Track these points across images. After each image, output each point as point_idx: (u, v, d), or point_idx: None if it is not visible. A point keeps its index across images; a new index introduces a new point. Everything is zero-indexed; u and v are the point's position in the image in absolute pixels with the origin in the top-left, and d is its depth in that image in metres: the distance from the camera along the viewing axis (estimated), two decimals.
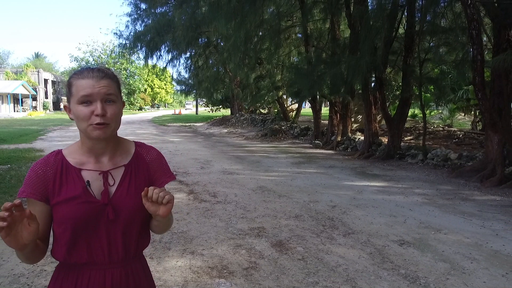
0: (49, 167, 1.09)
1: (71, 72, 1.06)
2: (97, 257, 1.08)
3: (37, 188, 1.07)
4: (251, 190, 5.98)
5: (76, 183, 1.08)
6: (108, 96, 1.05)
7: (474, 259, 3.32)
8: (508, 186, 6.11)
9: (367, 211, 4.83)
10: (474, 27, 5.62)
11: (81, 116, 1.04)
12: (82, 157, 1.11)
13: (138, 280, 1.15)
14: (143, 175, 1.17)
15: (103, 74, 1.06)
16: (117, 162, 1.14)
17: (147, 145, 1.24)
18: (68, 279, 1.09)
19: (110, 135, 1.08)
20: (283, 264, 3.17)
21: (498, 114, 6.66)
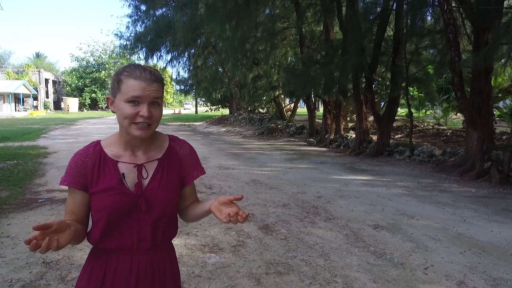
0: (88, 157, 1.15)
1: (120, 67, 1.23)
2: (126, 244, 1.14)
3: (77, 177, 1.14)
4: (244, 183, 6.39)
5: (113, 175, 1.14)
6: (155, 100, 1.11)
7: (438, 240, 3.74)
8: (485, 180, 6.52)
9: (350, 201, 5.24)
10: (451, 30, 6.04)
11: (126, 114, 1.09)
12: (119, 150, 1.17)
13: (163, 268, 1.21)
14: (175, 169, 1.22)
15: (154, 78, 1.11)
16: (151, 156, 1.19)
17: (180, 139, 1.29)
18: (99, 262, 1.17)
19: (150, 134, 1.15)
20: (267, 242, 3.58)
21: (478, 112, 7.07)
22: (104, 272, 1.15)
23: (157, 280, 1.19)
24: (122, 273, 1.15)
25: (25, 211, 4.58)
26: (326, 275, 2.91)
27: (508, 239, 3.78)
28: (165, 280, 1.21)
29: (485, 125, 7.08)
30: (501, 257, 3.33)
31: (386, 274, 2.96)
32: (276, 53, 13.95)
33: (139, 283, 1.16)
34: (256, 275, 2.90)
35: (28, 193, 5.51)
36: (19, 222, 4.17)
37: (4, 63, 51.29)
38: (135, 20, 19.37)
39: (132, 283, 1.15)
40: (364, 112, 10.06)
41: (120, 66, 12.95)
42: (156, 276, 1.19)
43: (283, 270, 2.98)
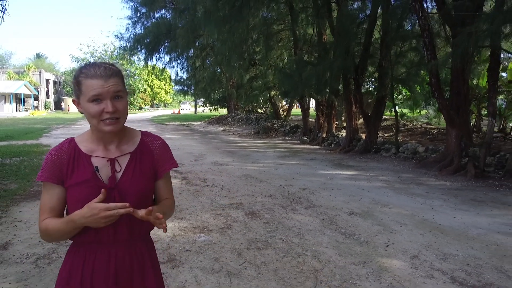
0: (63, 153, 1.19)
1: (76, 69, 1.27)
2: (103, 237, 1.16)
3: (53, 172, 1.17)
4: (236, 177, 6.84)
5: (86, 168, 1.18)
6: (116, 94, 1.13)
7: (404, 224, 4.20)
8: (461, 174, 6.98)
9: (332, 192, 5.70)
10: (427, 35, 6.49)
11: (92, 113, 1.13)
12: (92, 145, 1.21)
13: (142, 260, 1.24)
14: (147, 162, 1.25)
15: (110, 73, 1.12)
16: (124, 150, 1.23)
17: (153, 134, 1.33)
18: (79, 255, 1.20)
19: (120, 128, 1.18)
20: (251, 225, 4.04)
21: (456, 111, 7.53)
22: (82, 265, 1.18)
23: (136, 271, 1.22)
24: (101, 265, 1.18)
25: (34, 201, 5.03)
26: (299, 250, 3.37)
27: (466, 224, 4.24)
28: (144, 272, 1.24)
29: (463, 124, 7.54)
30: (455, 238, 3.79)
31: (351, 249, 3.42)
32: (271, 55, 14.41)
33: (118, 275, 1.18)
34: (238, 250, 3.36)
35: (36, 185, 5.95)
36: (29, 209, 4.62)
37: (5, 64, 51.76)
38: (135, 22, 19.84)
39: (111, 275, 1.18)
40: (353, 111, 10.52)
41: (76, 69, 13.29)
42: (134, 268, 1.21)
43: (262, 246, 3.44)
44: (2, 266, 3.04)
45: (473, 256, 3.33)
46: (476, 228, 4.08)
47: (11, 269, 2.99)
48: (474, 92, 11.89)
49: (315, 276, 2.88)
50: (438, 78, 6.90)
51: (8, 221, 4.16)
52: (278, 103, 22.02)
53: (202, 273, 2.90)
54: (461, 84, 7.40)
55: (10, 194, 5.32)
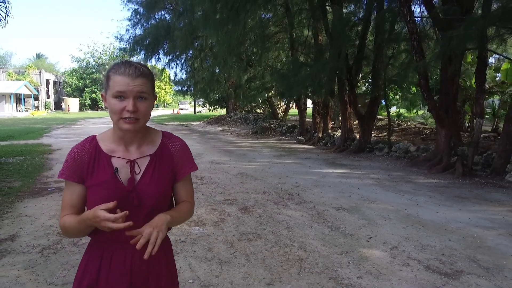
0: (85, 152, 1.20)
1: (110, 65, 1.20)
2: (120, 236, 1.14)
3: (74, 171, 1.18)
4: (232, 175, 7.08)
5: (106, 169, 1.18)
6: (140, 94, 1.13)
7: (388, 218, 4.44)
8: (450, 173, 7.22)
9: (323, 189, 5.94)
10: (415, 38, 6.73)
11: (113, 109, 1.13)
12: (113, 145, 1.22)
13: (158, 262, 1.24)
14: (167, 164, 1.25)
15: (139, 73, 1.13)
16: (144, 152, 1.23)
17: (174, 135, 1.33)
18: (95, 253, 1.22)
19: (139, 129, 1.17)
20: (244, 219, 4.28)
21: (446, 112, 7.77)
22: (99, 264, 1.19)
23: (151, 273, 1.22)
24: (117, 265, 1.19)
25: (37, 197, 5.27)
26: (286, 241, 3.61)
27: (448, 218, 4.48)
28: (159, 274, 1.24)
29: (452, 123, 7.77)
30: (435, 231, 4.03)
31: (335, 241, 3.66)
32: (269, 56, 14.65)
33: (134, 276, 1.19)
34: (230, 241, 3.60)
35: (38, 183, 6.20)
36: (33, 205, 4.86)
37: (6, 64, 51.98)
38: (135, 23, 20.03)
39: (126, 275, 1.18)
40: (348, 112, 10.76)
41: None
42: (150, 269, 1.22)
43: (252, 238, 3.68)
44: (11, 255, 3.28)
45: (449, 247, 3.57)
46: (456, 222, 4.32)
47: (19, 258, 3.22)
48: (467, 93, 12.13)
49: (299, 264, 3.12)
50: (427, 79, 7.15)
51: (14, 215, 4.40)
52: (276, 104, 22.27)
53: (195, 261, 3.14)
54: (450, 85, 7.64)
55: (15, 191, 5.56)
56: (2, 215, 4.40)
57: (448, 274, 3.00)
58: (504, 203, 5.24)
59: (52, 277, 2.87)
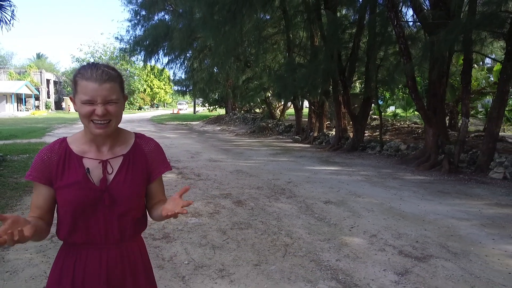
0: (53, 153, 1.18)
1: (75, 69, 1.27)
2: (94, 238, 1.16)
3: (42, 172, 1.16)
4: (229, 172, 7.41)
5: (78, 170, 1.16)
6: (109, 100, 1.11)
7: (371, 211, 4.77)
8: (437, 170, 7.55)
9: (314, 185, 6.27)
10: (402, 41, 7.06)
11: (83, 113, 1.11)
12: (84, 146, 1.20)
13: (134, 260, 1.25)
14: (141, 165, 1.24)
15: (106, 77, 1.10)
16: (116, 152, 1.22)
17: (147, 136, 1.32)
18: (69, 257, 1.19)
19: (111, 131, 1.16)
20: (237, 211, 4.61)
21: (434, 112, 8.10)
22: (73, 267, 1.17)
23: (127, 272, 1.22)
24: (92, 267, 1.18)
25: None
26: (275, 230, 3.94)
27: (427, 211, 4.81)
28: (136, 272, 1.24)
29: (440, 123, 8.10)
30: (413, 222, 4.36)
31: (320, 230, 3.99)
32: (266, 57, 14.98)
33: (110, 276, 1.19)
34: (223, 229, 3.93)
35: None
36: None
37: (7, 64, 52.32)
38: (135, 24, 20.36)
39: (102, 276, 1.18)
40: (342, 112, 11.09)
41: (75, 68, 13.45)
42: (126, 268, 1.22)
43: (243, 227, 4.02)
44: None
45: (424, 235, 3.90)
46: (434, 214, 4.65)
47: (30, 244, 3.54)
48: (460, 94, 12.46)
49: (285, 249, 3.45)
50: (414, 80, 7.47)
51: (23, 207, 4.73)
52: (274, 104, 22.61)
53: (191, 246, 3.47)
54: (438, 86, 7.97)
55: (22, 186, 5.88)
56: (12, 207, 4.73)
57: (418, 257, 3.33)
58: (483, 197, 5.57)
59: None
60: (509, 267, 3.16)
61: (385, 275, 2.97)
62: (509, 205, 5.13)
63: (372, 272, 3.03)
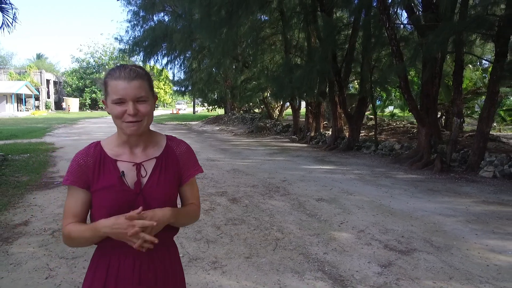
0: (89, 157, 1.19)
1: (106, 70, 1.26)
2: (127, 244, 1.11)
3: (79, 176, 1.17)
4: (225, 171, 7.57)
5: (112, 173, 1.18)
6: (139, 97, 1.13)
7: (362, 208, 4.93)
8: (429, 169, 7.72)
9: (308, 183, 6.44)
10: (394, 43, 7.23)
11: (115, 114, 1.14)
12: (118, 149, 1.22)
13: (165, 266, 1.24)
14: (172, 167, 1.25)
15: (134, 74, 1.13)
16: (149, 154, 1.23)
17: (178, 139, 1.33)
18: (102, 261, 1.20)
19: (143, 130, 1.17)
20: (232, 208, 4.78)
21: (426, 112, 8.27)
22: (107, 271, 1.18)
23: (159, 277, 1.22)
24: (125, 271, 1.18)
25: (44, 190, 5.76)
26: (267, 225, 4.11)
27: (415, 208, 4.97)
28: (167, 278, 1.24)
29: (432, 123, 8.27)
30: (401, 218, 4.53)
31: (310, 225, 4.16)
32: (264, 58, 15.14)
33: (142, 281, 1.18)
34: (218, 225, 4.10)
35: (45, 178, 6.68)
36: (41, 196, 5.35)
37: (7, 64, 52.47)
38: (134, 25, 20.52)
39: (135, 280, 1.18)
40: (338, 112, 11.26)
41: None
42: (158, 273, 1.22)
43: (237, 222, 4.18)
44: (25, 237, 3.77)
45: (410, 231, 4.07)
46: (422, 211, 4.82)
47: (33, 238, 3.71)
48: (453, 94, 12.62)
49: (276, 243, 3.61)
50: (407, 81, 7.65)
51: (25, 205, 4.89)
52: (273, 104, 22.78)
53: (186, 240, 3.64)
54: (430, 87, 8.14)
55: (23, 184, 6.05)
56: (14, 205, 4.89)
57: (402, 251, 3.50)
58: (471, 195, 5.74)
59: (63, 252, 3.36)
60: (488, 260, 3.33)
61: (369, 267, 3.14)
62: (496, 203, 5.29)
63: (357, 264, 3.19)
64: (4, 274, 2.96)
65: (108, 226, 1.08)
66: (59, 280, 2.86)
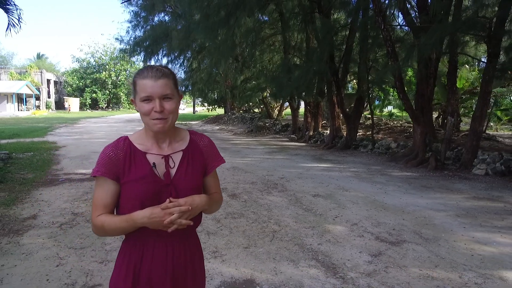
0: (119, 150, 1.25)
1: (134, 71, 1.28)
2: (159, 231, 1.19)
3: (110, 168, 1.22)
4: (225, 169, 7.76)
5: (144, 165, 1.23)
6: (165, 94, 1.20)
7: (356, 203, 5.13)
8: (424, 166, 7.91)
9: (305, 180, 6.63)
10: (389, 45, 7.42)
11: (143, 111, 1.21)
12: (146, 143, 1.28)
13: (192, 254, 1.33)
14: (198, 159, 1.33)
15: (160, 74, 1.20)
16: (176, 148, 1.30)
17: (199, 133, 1.41)
18: (136, 249, 1.24)
19: (169, 127, 1.23)
20: (231, 203, 4.98)
21: (421, 111, 8.47)
22: (141, 257, 1.23)
23: (189, 264, 1.30)
24: (159, 259, 1.24)
25: (50, 186, 5.95)
26: (265, 219, 4.31)
27: (408, 203, 5.17)
28: (194, 264, 1.32)
29: (427, 122, 8.47)
30: (393, 212, 4.72)
31: (306, 219, 4.36)
32: (263, 58, 15.34)
33: (175, 268, 1.26)
34: (218, 218, 4.30)
35: (49, 175, 6.88)
36: (48, 192, 5.54)
37: (7, 64, 52.66)
38: (135, 25, 20.69)
39: (169, 268, 1.24)
40: (336, 111, 11.46)
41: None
42: (188, 261, 1.29)
43: (236, 216, 4.38)
44: (35, 229, 3.96)
45: (401, 224, 4.27)
46: (414, 206, 5.02)
47: (42, 231, 3.91)
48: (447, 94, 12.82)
49: (273, 235, 3.81)
50: (402, 81, 7.84)
51: (32, 200, 5.09)
52: (273, 104, 22.99)
53: None
54: (425, 87, 8.34)
55: (29, 181, 6.24)
56: (21, 200, 5.08)
57: (392, 242, 3.70)
58: (462, 192, 5.94)
59: (71, 243, 3.56)
60: (473, 251, 3.53)
61: (360, 256, 3.33)
62: (486, 198, 5.49)
63: (349, 254, 3.39)
64: (17, 263, 3.15)
65: (146, 216, 1.15)
66: (69, 268, 3.05)
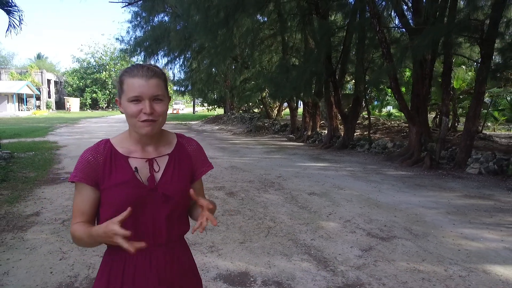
0: (99, 154, 1.16)
1: (122, 69, 1.25)
2: (143, 239, 1.08)
3: (88, 173, 1.14)
4: (224, 168, 7.91)
5: (125, 170, 1.15)
6: (156, 96, 1.12)
7: (350, 201, 5.27)
8: (419, 166, 8.05)
9: (302, 179, 6.77)
10: (384, 46, 7.56)
11: (130, 113, 1.12)
12: (129, 146, 1.19)
13: (180, 262, 1.23)
14: (186, 163, 1.25)
15: (152, 73, 1.12)
16: (162, 151, 1.22)
17: (187, 136, 1.34)
18: (117, 261, 1.16)
19: (157, 131, 1.16)
20: (228, 201, 5.11)
21: (416, 111, 8.60)
22: (123, 268, 1.16)
23: (176, 274, 1.21)
24: (142, 269, 1.16)
25: (52, 185, 6.09)
26: (261, 216, 4.45)
27: (400, 201, 5.31)
28: (184, 275, 1.24)
29: (423, 122, 8.61)
30: (386, 210, 4.86)
31: (301, 216, 4.50)
32: (262, 58, 15.48)
33: (160, 279, 1.17)
34: (215, 215, 4.37)
35: (51, 174, 7.02)
36: (50, 191, 5.68)
37: (8, 64, 52.81)
38: (135, 26, 20.84)
39: (153, 279, 1.16)
40: (333, 111, 11.59)
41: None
42: (174, 271, 1.21)
43: (233, 213, 4.52)
44: (38, 225, 4.10)
45: (393, 221, 4.40)
46: (406, 204, 5.16)
47: (45, 227, 4.05)
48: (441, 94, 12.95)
49: (268, 231, 3.95)
50: (397, 82, 7.98)
51: (35, 198, 5.23)
52: (272, 104, 23.13)
53: None
54: (420, 87, 8.48)
55: (31, 180, 6.38)
56: (24, 198, 5.22)
57: (383, 238, 3.84)
58: (455, 190, 6.08)
59: None
60: (460, 246, 3.66)
61: (351, 251, 3.47)
62: (477, 197, 5.63)
63: (341, 248, 3.53)
64: (22, 257, 3.29)
65: (99, 234, 1.04)
66: (72, 261, 3.19)
